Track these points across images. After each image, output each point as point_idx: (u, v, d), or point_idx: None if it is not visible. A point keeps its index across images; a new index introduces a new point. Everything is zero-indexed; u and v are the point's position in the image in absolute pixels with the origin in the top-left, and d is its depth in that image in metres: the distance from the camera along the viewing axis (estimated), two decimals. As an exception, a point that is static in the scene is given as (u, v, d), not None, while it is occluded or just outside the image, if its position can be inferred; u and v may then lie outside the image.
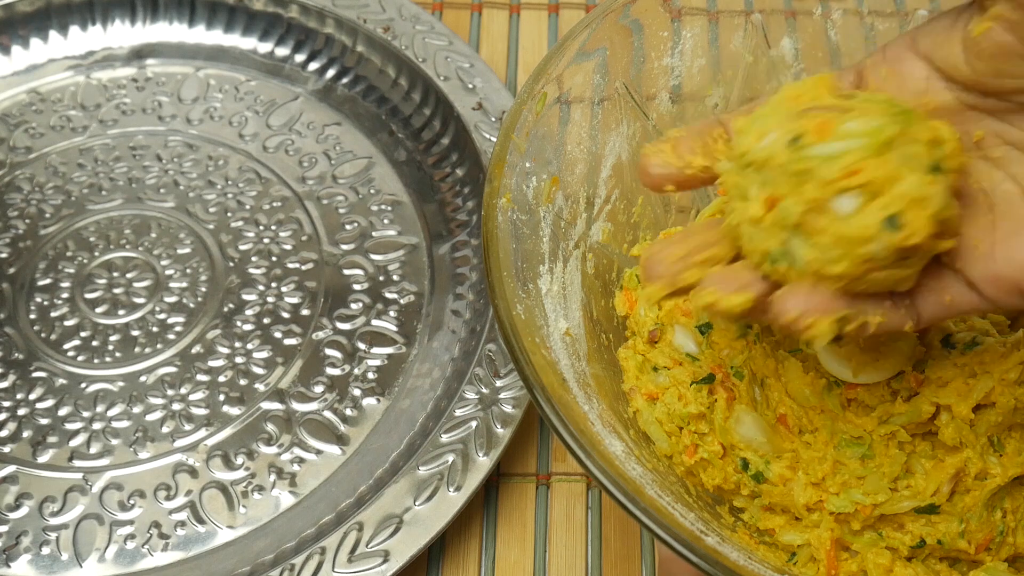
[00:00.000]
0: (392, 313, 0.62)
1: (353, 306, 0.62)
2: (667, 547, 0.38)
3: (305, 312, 0.62)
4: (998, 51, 0.35)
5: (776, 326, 0.36)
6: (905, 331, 0.36)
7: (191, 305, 0.62)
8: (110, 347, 0.60)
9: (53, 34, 0.74)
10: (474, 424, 0.54)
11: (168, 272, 0.64)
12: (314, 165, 0.69)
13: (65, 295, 0.63)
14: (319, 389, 0.59)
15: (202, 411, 0.58)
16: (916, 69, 0.38)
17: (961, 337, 0.45)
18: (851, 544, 0.45)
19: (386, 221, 0.66)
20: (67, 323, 0.61)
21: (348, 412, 0.58)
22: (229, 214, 0.66)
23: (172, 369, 0.60)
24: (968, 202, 0.36)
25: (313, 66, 0.73)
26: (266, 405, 0.58)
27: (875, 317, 0.35)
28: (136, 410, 0.58)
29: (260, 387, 0.59)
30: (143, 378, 0.59)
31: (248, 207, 0.67)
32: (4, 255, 0.64)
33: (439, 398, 0.57)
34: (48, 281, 0.63)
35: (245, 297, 0.63)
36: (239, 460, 0.56)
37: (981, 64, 0.36)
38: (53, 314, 0.62)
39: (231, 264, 0.64)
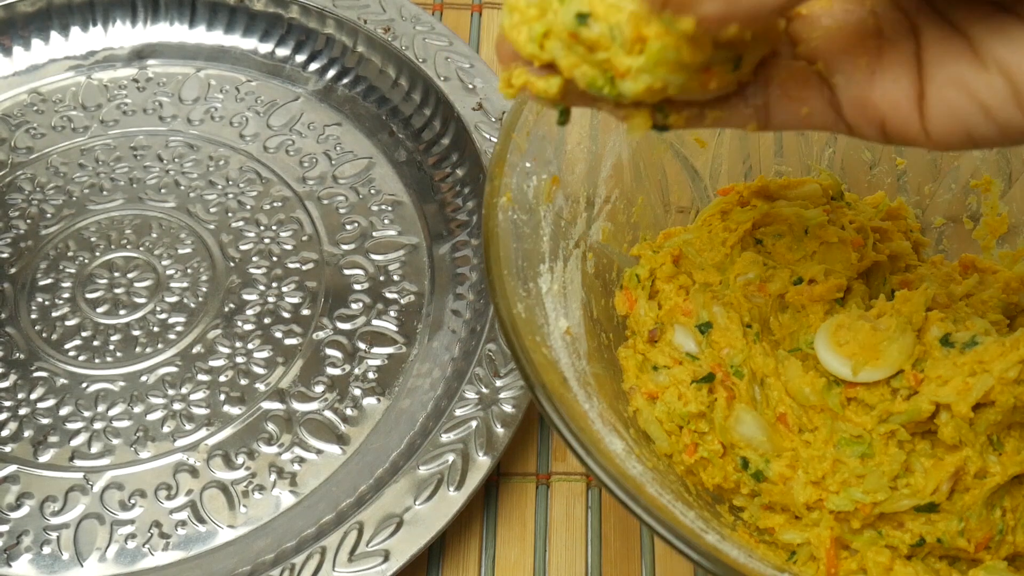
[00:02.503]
0: (392, 313, 0.62)
1: (353, 306, 0.62)
2: (667, 545, 0.38)
3: (305, 312, 0.62)
4: None
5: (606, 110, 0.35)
6: (747, 130, 0.35)
7: (192, 305, 0.62)
8: (111, 347, 0.61)
9: (54, 34, 0.74)
10: (474, 424, 0.54)
11: (169, 272, 0.64)
12: (314, 165, 0.69)
13: (66, 295, 0.63)
14: (319, 389, 0.59)
15: (203, 411, 0.58)
16: None
17: (960, 336, 0.46)
18: (851, 543, 0.45)
19: (386, 221, 0.66)
20: (68, 323, 0.62)
21: (348, 412, 0.58)
22: (230, 214, 0.66)
23: (173, 369, 0.60)
24: (857, 22, 0.34)
25: (314, 66, 0.73)
26: (267, 405, 0.58)
27: (713, 112, 0.35)
28: (137, 410, 0.58)
29: (261, 387, 0.59)
30: (144, 378, 0.59)
31: (249, 207, 0.67)
32: (5, 255, 0.64)
33: (439, 398, 0.57)
34: (49, 281, 0.63)
35: (246, 297, 0.63)
36: (240, 460, 0.56)
37: None
38: (54, 314, 0.62)
39: (232, 264, 0.64)
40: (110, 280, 0.63)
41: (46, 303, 0.62)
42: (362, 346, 0.61)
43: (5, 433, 0.57)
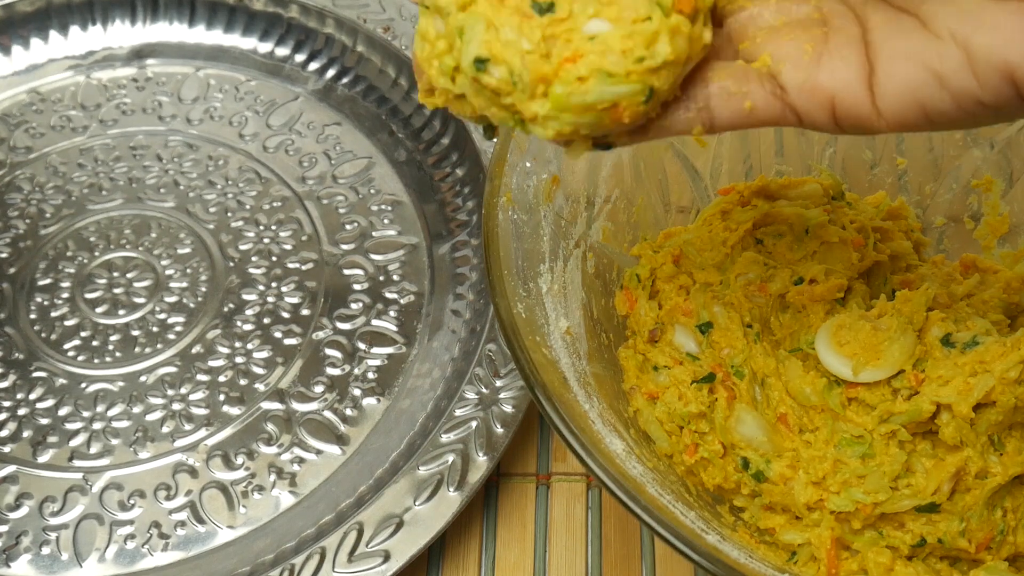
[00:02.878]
0: (392, 313, 0.62)
1: (353, 306, 0.62)
2: (668, 546, 0.38)
3: (305, 312, 0.62)
4: None
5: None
6: (695, 135, 0.35)
7: (191, 305, 0.62)
8: (110, 347, 0.60)
9: (53, 34, 0.74)
10: (474, 424, 0.54)
11: (168, 272, 0.64)
12: (314, 165, 0.69)
13: (65, 295, 0.63)
14: (319, 389, 0.59)
15: (202, 411, 0.58)
16: None
17: (961, 336, 0.45)
18: (852, 543, 0.45)
19: (386, 221, 0.66)
20: (67, 323, 0.61)
21: (348, 412, 0.58)
22: (229, 214, 0.66)
23: (172, 369, 0.60)
24: (802, 16, 0.34)
25: (313, 66, 0.73)
26: (266, 405, 0.58)
27: (654, 123, 0.34)
28: (136, 410, 0.58)
29: (260, 387, 0.59)
30: (143, 378, 0.59)
31: (248, 207, 0.67)
32: (4, 255, 0.64)
33: (439, 398, 0.57)
34: (48, 281, 0.63)
35: (245, 297, 0.63)
36: (239, 460, 0.56)
37: None
38: (53, 314, 0.62)
39: (231, 264, 0.64)
40: (109, 280, 0.63)
41: (45, 303, 0.62)
42: (362, 346, 0.60)
43: (4, 433, 0.57)
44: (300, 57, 0.73)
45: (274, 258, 0.64)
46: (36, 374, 0.59)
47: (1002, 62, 0.30)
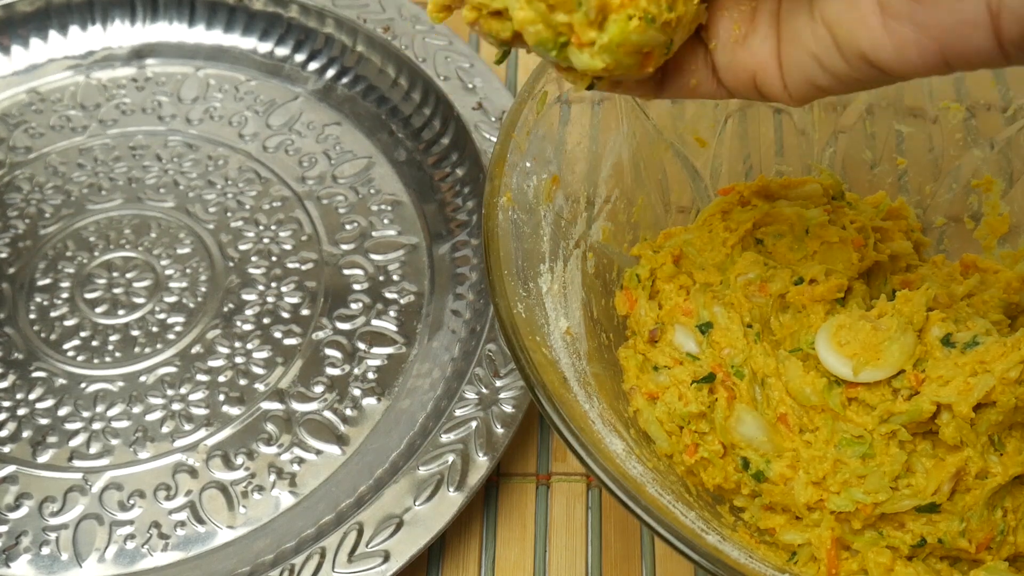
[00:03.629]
0: (392, 313, 0.62)
1: (353, 306, 0.62)
2: (668, 546, 0.38)
3: (305, 312, 0.62)
4: None
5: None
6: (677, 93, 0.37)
7: (191, 305, 0.62)
8: (110, 347, 0.60)
9: (53, 34, 0.74)
10: (474, 424, 0.54)
11: (168, 272, 0.64)
12: (314, 165, 0.69)
13: (65, 295, 0.63)
14: (319, 389, 0.59)
15: (202, 411, 0.58)
16: None
17: (962, 336, 0.45)
18: (852, 543, 0.45)
19: (386, 221, 0.66)
20: (67, 323, 0.61)
21: (348, 412, 0.58)
22: (229, 214, 0.66)
23: (172, 369, 0.60)
24: None
25: (313, 66, 0.73)
26: (266, 405, 0.58)
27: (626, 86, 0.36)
28: (136, 410, 0.58)
29: (260, 387, 0.59)
30: (143, 378, 0.59)
31: (248, 207, 0.67)
32: (4, 255, 0.64)
33: (439, 398, 0.57)
34: (48, 281, 0.63)
35: (245, 297, 0.62)
36: (239, 460, 0.56)
37: None
38: (53, 314, 0.62)
39: (231, 264, 0.64)
40: (109, 280, 0.63)
41: (45, 303, 0.62)
42: (362, 346, 0.60)
43: (4, 433, 0.57)
44: (300, 57, 0.73)
45: (274, 258, 0.64)
46: (36, 374, 0.59)
47: (857, 50, 0.32)
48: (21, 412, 0.58)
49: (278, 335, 0.61)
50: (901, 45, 0.31)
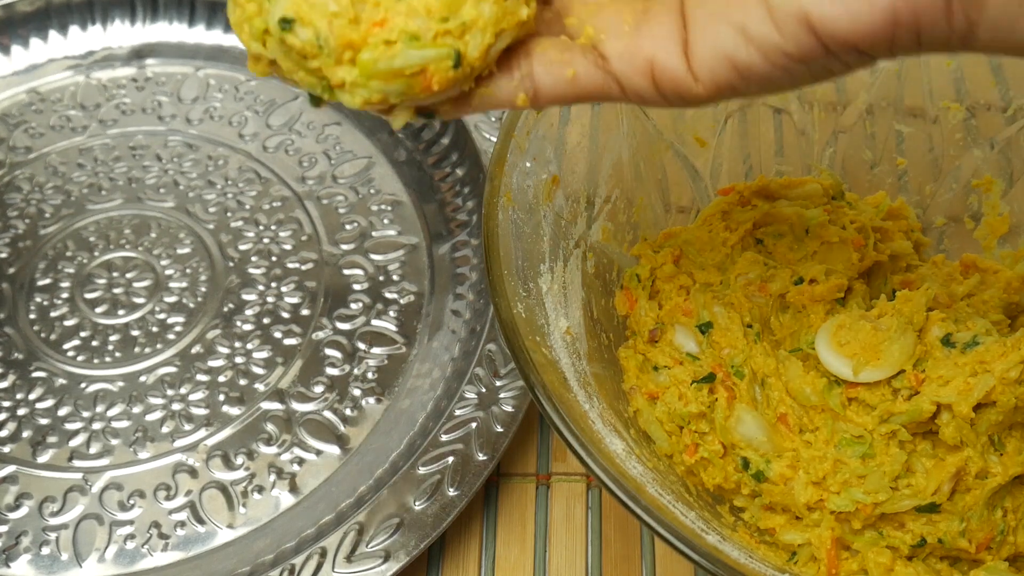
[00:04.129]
0: (392, 313, 0.62)
1: (353, 306, 0.62)
2: (668, 546, 0.38)
3: (305, 312, 0.62)
4: None
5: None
6: (520, 104, 0.35)
7: (191, 305, 0.62)
8: (110, 347, 0.60)
9: (53, 34, 0.74)
10: (474, 424, 0.54)
11: (168, 272, 0.64)
12: (314, 165, 0.69)
13: (65, 295, 0.63)
14: (319, 389, 0.59)
15: (202, 411, 0.58)
16: None
17: (962, 336, 0.45)
18: (852, 543, 0.45)
19: (386, 221, 0.66)
20: (67, 323, 0.61)
21: (348, 412, 0.58)
22: (229, 214, 0.66)
23: (172, 369, 0.60)
24: None
25: (313, 66, 0.73)
26: (266, 405, 0.58)
27: (477, 91, 0.34)
28: (136, 410, 0.58)
29: (260, 387, 0.59)
30: (143, 378, 0.59)
31: (248, 207, 0.67)
32: (4, 255, 0.64)
33: (439, 398, 0.57)
34: (48, 281, 0.63)
35: (245, 297, 0.62)
36: (239, 460, 0.56)
37: None
38: (53, 314, 0.62)
39: (231, 264, 0.64)
40: (109, 280, 0.63)
41: (45, 303, 0.62)
42: (362, 346, 0.60)
43: (4, 433, 0.57)
44: (300, 57, 0.73)
45: (274, 258, 0.64)
46: (36, 374, 0.59)
47: (797, 8, 0.31)
48: (21, 412, 0.58)
49: (278, 335, 0.61)
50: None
